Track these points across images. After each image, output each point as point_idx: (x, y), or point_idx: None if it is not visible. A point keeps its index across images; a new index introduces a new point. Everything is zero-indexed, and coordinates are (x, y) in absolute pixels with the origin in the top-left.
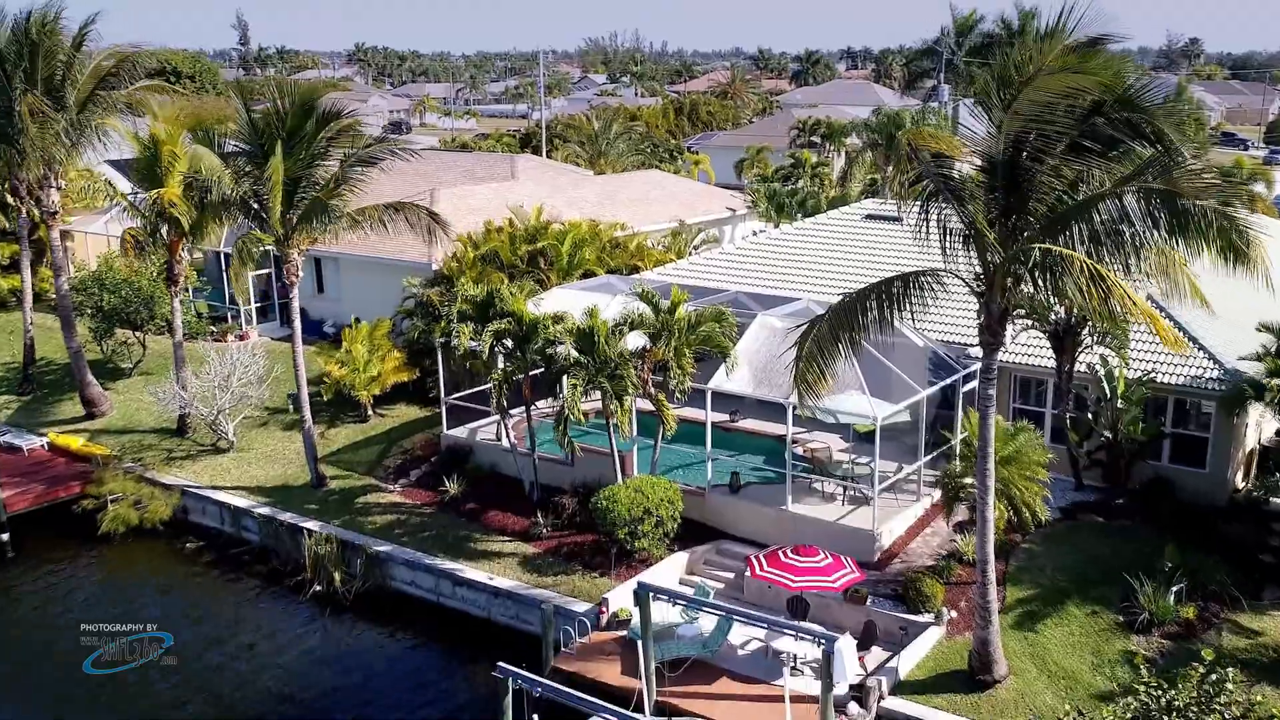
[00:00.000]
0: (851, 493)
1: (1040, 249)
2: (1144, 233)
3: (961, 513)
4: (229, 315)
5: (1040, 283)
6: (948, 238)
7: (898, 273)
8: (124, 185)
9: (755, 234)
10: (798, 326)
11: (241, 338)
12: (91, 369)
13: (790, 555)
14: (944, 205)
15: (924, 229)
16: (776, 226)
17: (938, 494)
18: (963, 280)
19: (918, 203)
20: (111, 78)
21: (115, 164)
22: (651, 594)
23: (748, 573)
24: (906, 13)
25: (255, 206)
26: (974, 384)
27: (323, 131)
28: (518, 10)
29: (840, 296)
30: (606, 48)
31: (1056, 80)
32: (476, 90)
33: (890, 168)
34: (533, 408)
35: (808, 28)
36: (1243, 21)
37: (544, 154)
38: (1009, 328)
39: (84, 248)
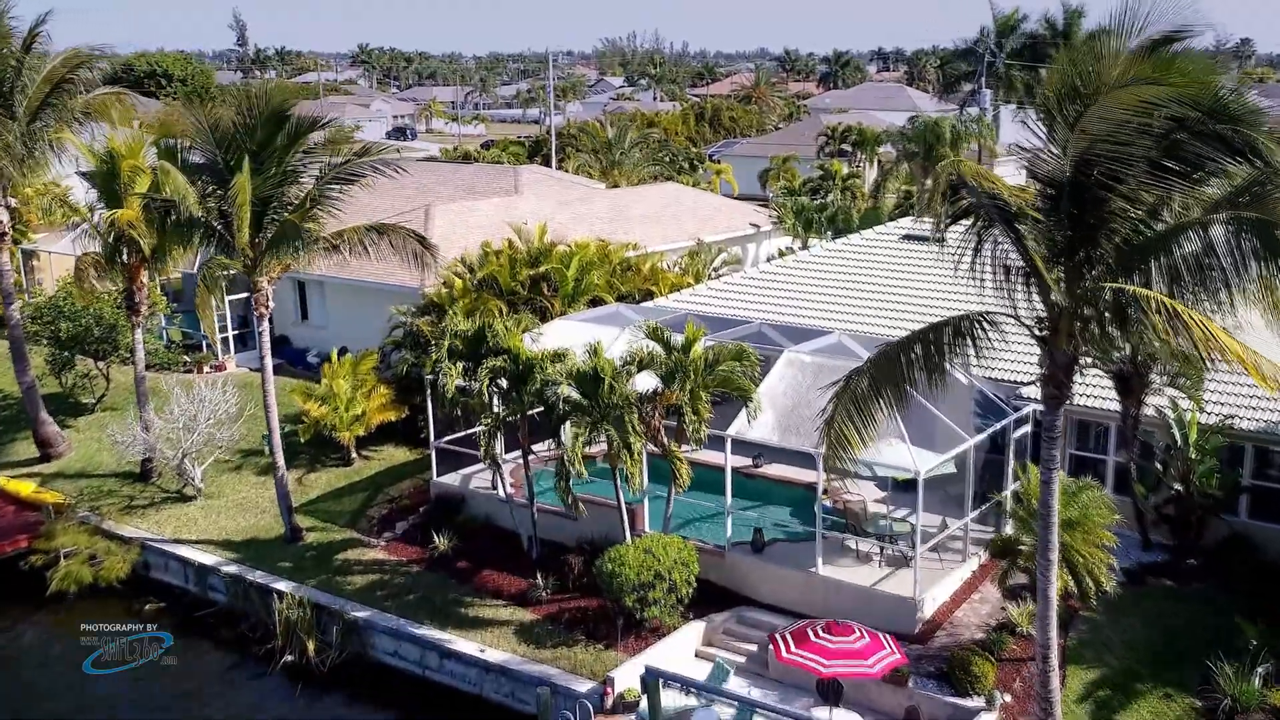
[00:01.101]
0: (890, 552)
1: (1112, 289)
2: (1232, 269)
3: (1013, 574)
4: (204, 344)
5: (1113, 327)
6: (1006, 275)
7: (940, 302)
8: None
9: (781, 253)
10: (834, 383)
11: (218, 368)
12: (51, 404)
13: (821, 635)
14: (999, 238)
15: (971, 260)
16: (804, 245)
17: (985, 553)
18: (1023, 324)
19: (967, 232)
20: (67, 83)
21: (89, 176)
22: (661, 680)
23: (772, 651)
24: (940, 12)
25: (221, 229)
26: (1027, 428)
27: (297, 144)
28: (532, 9)
29: (876, 329)
30: (624, 49)
31: (1130, 94)
32: (487, 94)
33: (928, 181)
34: (532, 453)
35: (836, 28)
36: None
37: (553, 164)
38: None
39: (49, 269)
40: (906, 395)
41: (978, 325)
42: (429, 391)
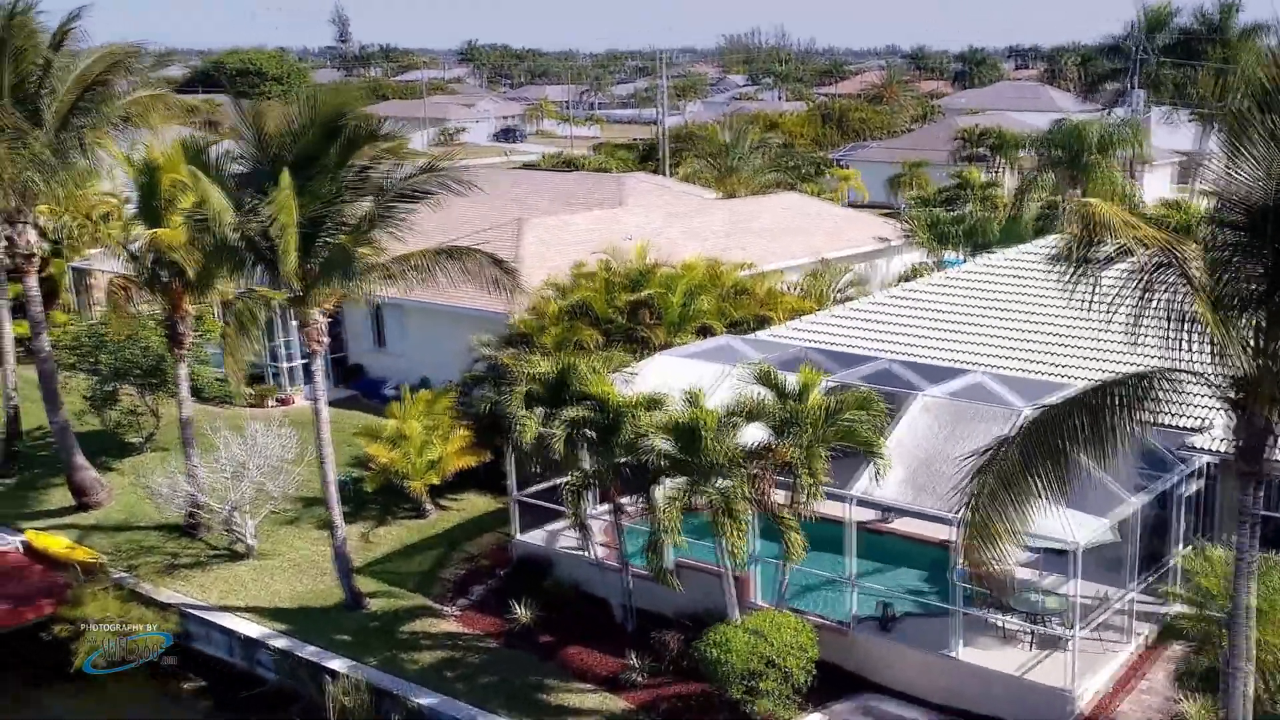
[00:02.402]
0: (1040, 631)
1: None
2: None
3: (1194, 662)
4: (269, 374)
5: None
6: (1181, 326)
7: (1097, 337)
8: None
9: (914, 270)
10: (979, 452)
11: (283, 402)
12: (94, 443)
13: None
14: (1173, 283)
15: (1136, 310)
16: (938, 265)
17: (1150, 629)
18: (1209, 385)
19: (1130, 276)
20: (101, 84)
21: None
22: None
23: None
24: (1080, 5)
25: (267, 252)
26: (1199, 484)
27: (353, 156)
28: (652, 3)
29: (1023, 366)
30: (748, 45)
31: None
32: (602, 93)
33: (1075, 191)
34: (624, 512)
35: (970, 23)
36: None
37: (665, 171)
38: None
39: (104, 288)
40: (1069, 472)
41: (1155, 385)
42: (510, 436)
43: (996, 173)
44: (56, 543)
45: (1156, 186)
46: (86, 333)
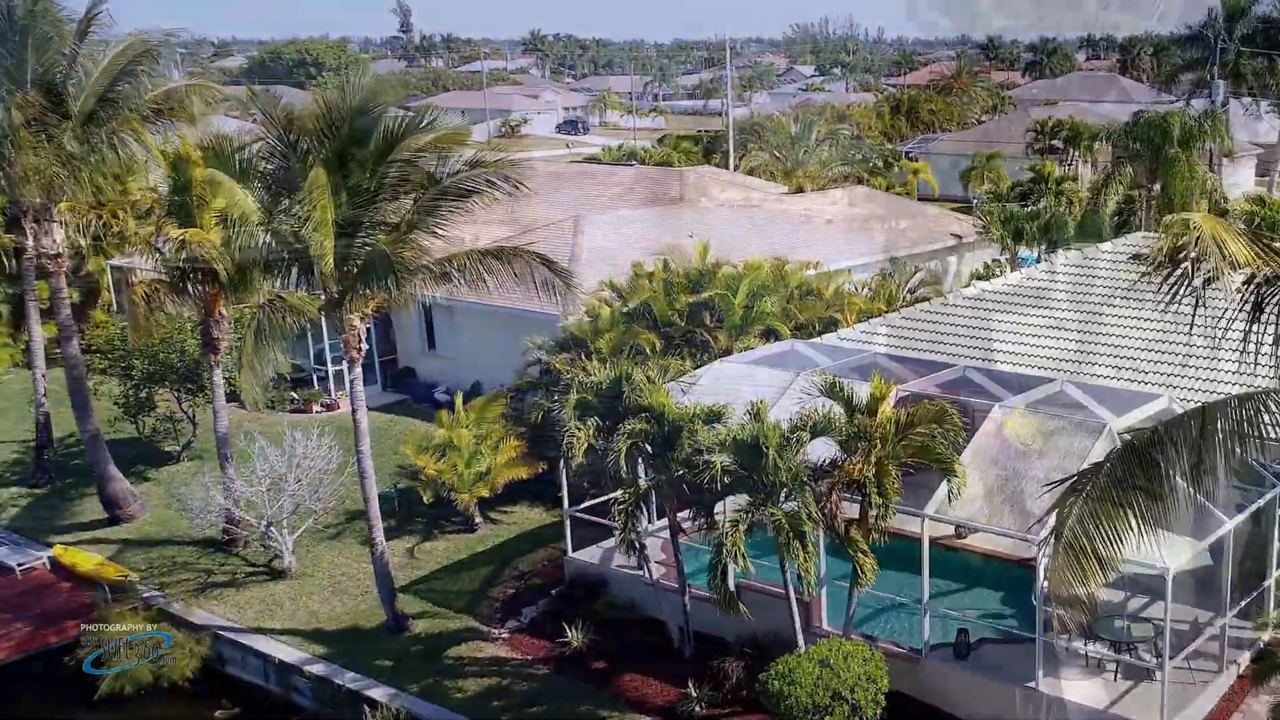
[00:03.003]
0: (1127, 658)
1: None
2: None
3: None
4: (314, 378)
5: None
6: None
7: (1186, 344)
8: None
9: (986, 268)
10: (1061, 481)
11: (329, 407)
12: (129, 449)
13: None
14: None
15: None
16: (1012, 264)
17: (1246, 657)
18: None
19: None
20: (129, 76)
21: None
22: None
23: None
24: None
25: (302, 254)
26: None
27: (394, 152)
28: None
29: (1108, 373)
30: (816, 35)
31: None
32: (667, 83)
33: (1156, 186)
34: (682, 531)
35: (1041, 12)
36: None
37: (731, 164)
38: None
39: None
40: (1167, 497)
41: (1268, 406)
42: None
43: (1071, 166)
44: (85, 559)
45: (1239, 180)
46: (119, 336)
